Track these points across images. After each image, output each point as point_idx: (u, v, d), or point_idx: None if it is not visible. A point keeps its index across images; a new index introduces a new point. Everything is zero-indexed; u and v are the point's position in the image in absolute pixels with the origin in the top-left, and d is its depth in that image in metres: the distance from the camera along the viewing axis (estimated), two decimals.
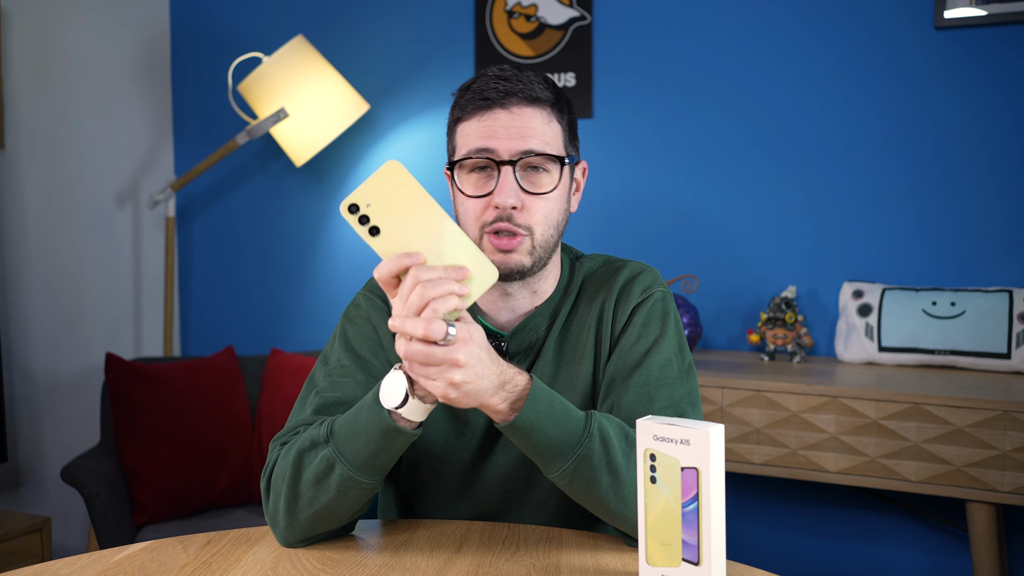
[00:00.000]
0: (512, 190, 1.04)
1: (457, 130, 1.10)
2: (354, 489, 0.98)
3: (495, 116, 1.06)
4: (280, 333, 2.93)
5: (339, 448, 0.97)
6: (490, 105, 1.06)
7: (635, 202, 2.50)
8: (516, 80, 1.07)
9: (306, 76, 2.52)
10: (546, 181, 1.07)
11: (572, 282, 1.18)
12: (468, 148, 1.07)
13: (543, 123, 1.07)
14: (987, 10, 2.11)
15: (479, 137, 1.06)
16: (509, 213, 1.05)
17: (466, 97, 1.09)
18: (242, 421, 2.39)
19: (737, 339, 2.41)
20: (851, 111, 2.28)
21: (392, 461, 0.98)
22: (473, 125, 1.07)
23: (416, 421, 0.95)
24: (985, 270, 2.17)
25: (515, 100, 1.06)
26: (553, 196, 1.08)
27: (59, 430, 2.63)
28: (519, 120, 1.06)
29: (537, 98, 1.07)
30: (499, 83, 1.06)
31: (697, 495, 0.85)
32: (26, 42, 2.54)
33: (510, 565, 0.97)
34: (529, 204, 1.06)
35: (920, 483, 1.80)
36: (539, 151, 1.06)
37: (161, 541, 1.05)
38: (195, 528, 2.19)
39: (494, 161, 1.05)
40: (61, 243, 2.65)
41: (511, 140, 1.05)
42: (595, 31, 2.53)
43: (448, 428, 1.15)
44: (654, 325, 1.11)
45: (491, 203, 1.06)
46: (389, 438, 0.95)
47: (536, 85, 1.08)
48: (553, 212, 1.09)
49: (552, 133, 1.08)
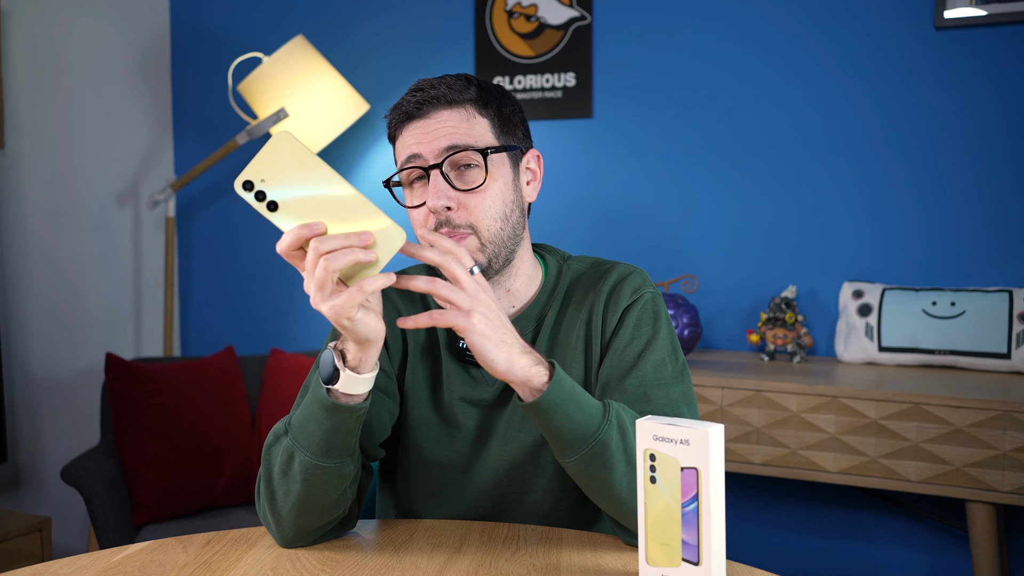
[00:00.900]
0: (441, 191, 1.05)
1: (394, 150, 1.13)
2: (318, 475, 0.97)
3: (415, 125, 1.08)
4: (280, 333, 2.93)
5: (295, 436, 0.98)
6: (410, 118, 1.08)
7: (635, 202, 2.50)
8: (430, 88, 1.08)
9: (306, 76, 2.52)
10: (477, 175, 1.07)
11: (559, 285, 1.17)
12: (399, 161, 1.09)
13: (462, 120, 1.08)
14: (987, 10, 2.11)
15: (405, 148, 1.08)
16: (445, 216, 1.05)
17: (391, 116, 1.11)
18: (242, 421, 2.39)
19: (737, 339, 2.41)
20: (851, 111, 2.28)
21: (349, 441, 0.97)
22: (400, 140, 1.10)
23: (355, 394, 0.94)
24: (985, 270, 2.17)
25: (430, 107, 1.07)
26: (490, 189, 1.07)
27: (59, 430, 2.63)
28: (437, 123, 1.07)
29: (452, 100, 1.08)
30: (415, 95, 1.08)
31: (697, 495, 0.85)
32: (26, 42, 2.54)
33: (510, 565, 0.97)
34: (464, 201, 1.06)
35: (920, 483, 1.80)
36: (461, 145, 1.06)
37: (161, 541, 1.05)
38: (195, 528, 2.19)
39: (423, 169, 1.06)
40: (61, 243, 2.65)
41: (431, 142, 1.06)
42: (595, 31, 2.53)
43: (439, 431, 1.15)
44: (646, 326, 1.11)
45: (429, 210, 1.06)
46: (334, 416, 0.94)
47: (452, 88, 1.08)
48: (494, 205, 1.07)
49: (477, 128, 1.08)
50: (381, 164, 2.77)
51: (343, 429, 0.95)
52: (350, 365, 0.93)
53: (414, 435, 1.16)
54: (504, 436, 1.13)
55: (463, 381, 1.14)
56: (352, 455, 0.99)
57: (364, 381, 0.94)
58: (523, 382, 0.95)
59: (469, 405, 1.14)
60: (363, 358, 0.93)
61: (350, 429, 0.96)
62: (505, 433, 1.13)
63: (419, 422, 1.16)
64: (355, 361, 0.93)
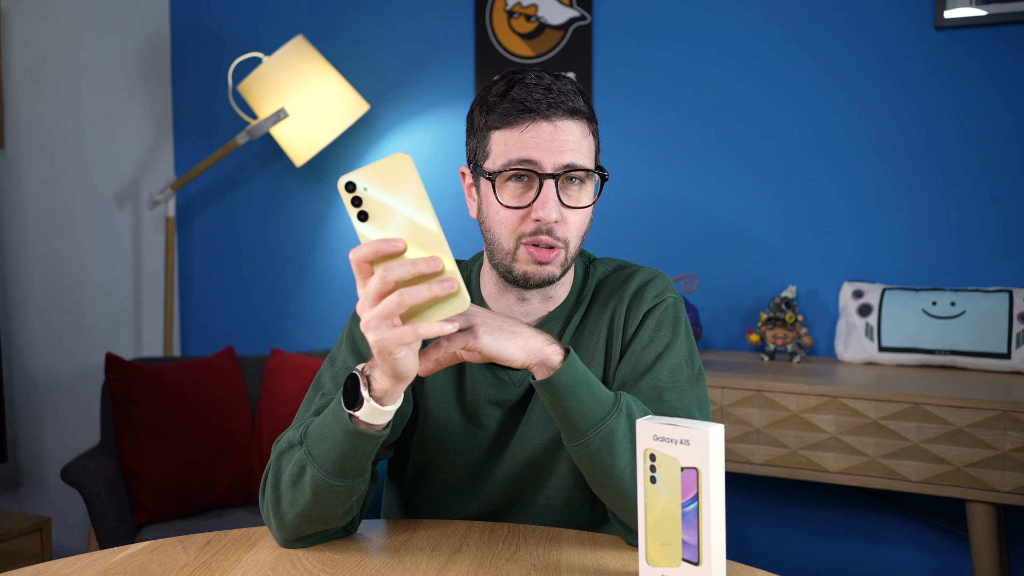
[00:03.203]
0: (555, 205, 1.03)
1: (493, 136, 1.07)
2: (327, 492, 0.97)
3: (538, 127, 1.04)
4: (280, 333, 2.93)
5: (310, 450, 0.97)
6: (533, 116, 1.03)
7: (635, 202, 2.50)
8: (558, 91, 1.04)
9: (306, 76, 2.52)
10: (584, 196, 1.07)
11: (586, 287, 1.18)
12: (508, 158, 1.04)
13: (581, 136, 1.06)
14: (987, 10, 2.11)
15: (521, 148, 1.04)
16: (550, 226, 1.04)
17: (504, 105, 1.05)
18: (242, 421, 2.39)
19: (737, 339, 2.41)
20: (851, 111, 2.28)
21: (363, 464, 0.97)
22: (514, 135, 1.04)
23: (376, 424, 0.93)
24: (985, 270, 2.17)
25: (558, 112, 1.04)
26: (586, 211, 1.08)
27: (59, 430, 2.63)
28: (561, 133, 1.04)
29: (577, 110, 1.05)
30: (541, 93, 1.04)
31: (697, 495, 0.85)
32: (26, 42, 2.54)
33: (510, 565, 0.97)
34: (567, 217, 1.06)
35: (920, 483, 1.80)
36: (580, 166, 1.05)
37: (161, 541, 1.05)
38: (195, 528, 2.19)
39: (536, 174, 1.04)
40: (61, 243, 2.65)
41: (554, 153, 1.03)
42: (595, 31, 2.53)
43: (461, 431, 1.15)
44: (665, 330, 1.11)
45: (529, 215, 1.05)
46: (353, 441, 0.94)
47: (577, 97, 1.06)
48: (585, 224, 1.09)
49: (588, 146, 1.07)
50: None
51: (360, 453, 0.95)
52: (375, 395, 0.91)
53: (434, 435, 1.15)
54: (523, 434, 1.14)
55: (490, 383, 1.14)
56: (363, 474, 0.99)
57: (387, 413, 0.93)
58: (541, 361, 0.96)
59: (494, 406, 1.14)
60: (391, 392, 0.91)
61: (366, 453, 0.96)
62: (524, 431, 1.14)
63: (441, 422, 1.15)
64: (381, 393, 0.91)
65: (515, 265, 1.07)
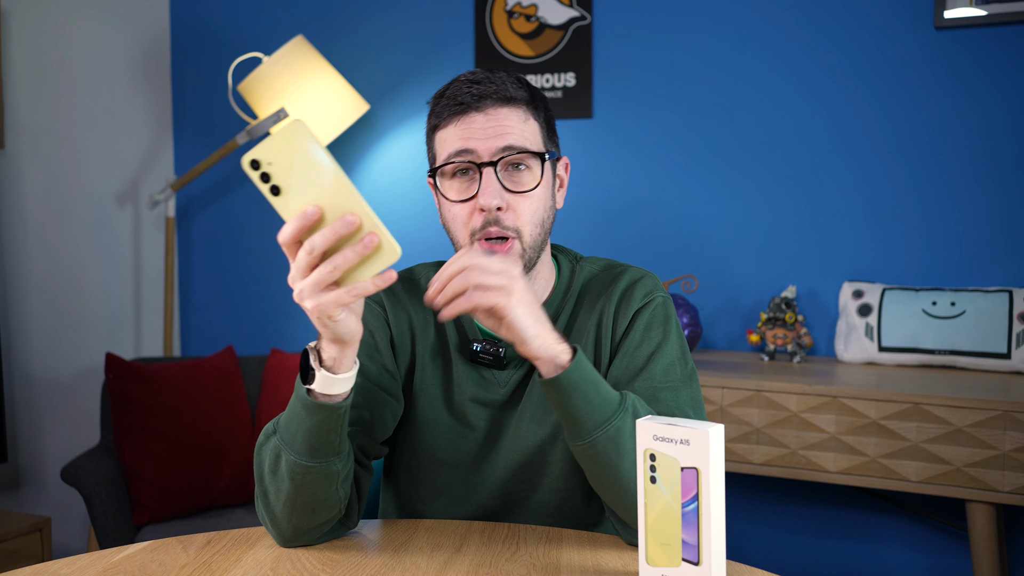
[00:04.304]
0: (495, 190, 1.04)
1: (435, 137, 1.10)
2: (304, 474, 0.97)
3: (471, 119, 1.06)
4: (280, 333, 2.93)
5: (281, 435, 0.98)
6: (465, 109, 1.06)
7: (635, 202, 2.50)
8: (488, 82, 1.07)
9: (306, 76, 2.52)
10: (528, 179, 1.07)
11: (571, 286, 1.18)
12: (447, 152, 1.07)
13: (519, 121, 1.07)
14: (987, 10, 2.11)
15: (457, 141, 1.06)
16: (496, 215, 1.05)
17: (441, 104, 1.09)
18: (242, 421, 2.39)
19: (737, 339, 2.41)
20: (851, 111, 2.28)
21: (332, 440, 0.96)
22: (450, 131, 1.07)
23: (334, 394, 0.94)
24: (985, 270, 2.17)
25: (489, 102, 1.06)
26: (537, 194, 1.08)
27: (59, 430, 2.63)
28: (495, 120, 1.06)
29: (511, 97, 1.07)
30: (472, 87, 1.07)
31: (697, 495, 0.85)
32: (26, 42, 2.54)
33: (510, 565, 0.97)
34: (514, 204, 1.06)
35: (920, 483, 1.80)
36: (519, 147, 1.06)
37: (161, 541, 1.05)
38: (195, 528, 2.19)
39: (475, 164, 1.05)
40: (61, 243, 2.65)
41: (489, 140, 1.05)
42: (595, 31, 2.53)
43: (451, 431, 1.15)
44: (656, 330, 1.11)
45: (476, 206, 1.06)
46: (314, 415, 0.94)
47: (509, 85, 1.08)
48: (539, 210, 1.08)
49: (530, 130, 1.08)
50: (382, 164, 2.77)
51: (325, 428, 0.95)
52: (326, 365, 0.92)
53: (424, 435, 1.16)
54: (514, 435, 1.14)
55: (475, 382, 1.15)
56: (338, 454, 0.98)
57: (341, 381, 0.93)
58: (550, 358, 0.96)
59: (480, 406, 1.15)
60: (339, 358, 0.92)
61: (332, 428, 0.95)
62: (515, 432, 1.14)
63: (430, 422, 1.15)
64: (331, 361, 0.92)
65: None
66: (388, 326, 1.16)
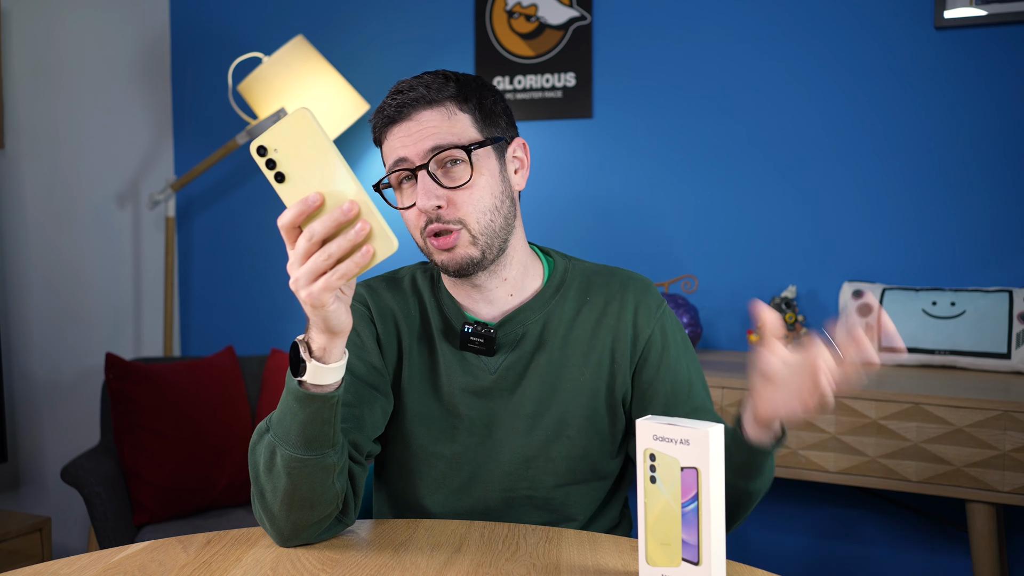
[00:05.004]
0: (429, 192, 1.07)
1: (381, 152, 1.15)
2: (300, 468, 0.97)
3: (399, 128, 1.10)
4: (280, 333, 2.93)
5: (275, 431, 0.99)
6: (392, 121, 1.11)
7: (635, 202, 2.50)
8: (409, 90, 1.11)
9: (306, 76, 2.52)
10: (462, 172, 1.09)
11: (566, 281, 1.19)
12: (388, 164, 1.12)
13: (443, 119, 1.10)
14: (987, 10, 2.11)
15: (393, 152, 1.10)
16: (436, 213, 1.08)
17: (375, 121, 1.13)
18: (242, 421, 2.39)
19: (737, 339, 2.41)
20: (851, 111, 2.28)
21: (326, 431, 0.97)
22: (386, 144, 1.12)
23: (325, 384, 0.95)
24: (985, 270, 2.17)
25: (411, 109, 1.10)
26: (477, 184, 1.09)
27: (59, 430, 2.63)
28: (419, 124, 1.09)
29: (432, 99, 1.10)
30: (395, 98, 1.11)
31: (697, 495, 0.85)
32: (26, 42, 2.54)
33: (510, 565, 0.97)
34: (454, 198, 1.08)
35: (920, 483, 1.80)
36: (444, 144, 1.08)
37: (161, 541, 1.05)
38: (195, 528, 2.19)
39: (410, 170, 1.09)
40: (61, 243, 2.65)
41: (416, 144, 1.08)
42: (595, 31, 2.53)
43: (442, 423, 1.16)
44: (684, 345, 1.21)
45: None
46: (307, 406, 0.95)
47: (430, 88, 1.10)
48: (483, 199, 1.10)
49: (459, 124, 1.10)
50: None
51: (319, 419, 0.96)
52: (316, 355, 0.94)
53: (415, 429, 1.16)
54: (513, 429, 1.15)
55: (463, 369, 1.16)
56: (333, 446, 0.99)
57: (332, 371, 0.95)
58: (777, 427, 1.05)
59: (470, 395, 1.15)
60: (329, 348, 0.93)
61: (326, 419, 0.96)
62: (514, 426, 1.15)
63: (419, 416, 1.16)
64: (320, 351, 0.94)
65: (435, 260, 1.12)
66: (373, 324, 1.18)
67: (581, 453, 1.15)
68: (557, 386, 1.15)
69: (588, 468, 1.16)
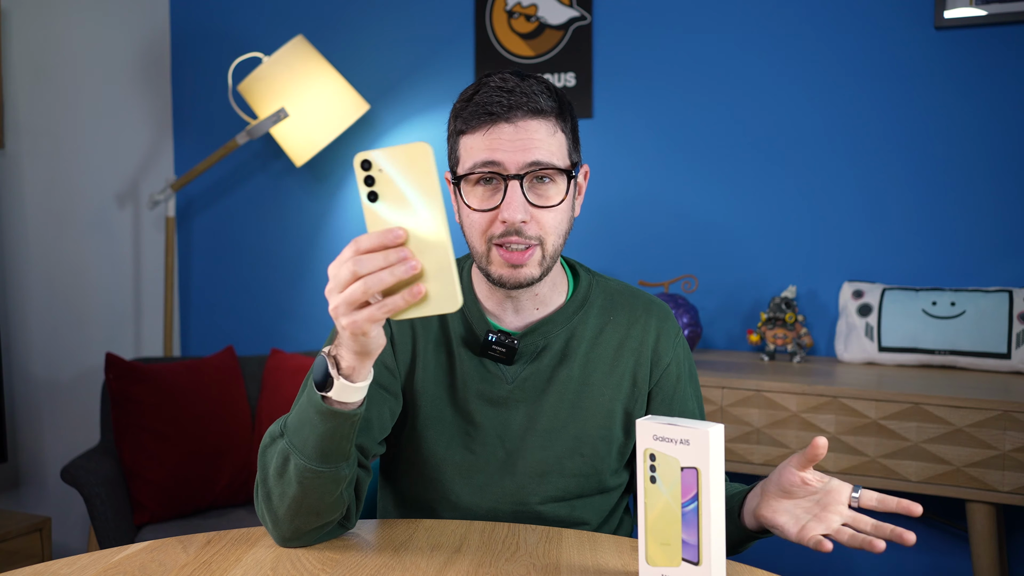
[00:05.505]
0: (520, 205, 1.03)
1: (460, 142, 1.08)
2: (313, 479, 0.96)
3: (500, 130, 1.04)
4: (280, 333, 2.93)
5: (291, 439, 0.97)
6: (495, 119, 1.04)
7: (635, 202, 2.50)
8: (520, 92, 1.05)
9: (306, 76, 2.52)
10: (553, 193, 1.06)
11: (590, 298, 1.18)
12: (473, 162, 1.05)
13: (548, 134, 1.06)
14: (987, 10, 2.11)
15: (484, 151, 1.04)
16: (518, 227, 1.04)
17: (469, 109, 1.06)
18: (242, 421, 2.39)
19: (737, 339, 2.41)
20: (851, 111, 2.28)
21: (344, 446, 0.96)
22: (477, 139, 1.05)
23: (349, 401, 0.93)
24: (985, 270, 2.17)
25: (519, 113, 1.04)
26: (561, 208, 1.07)
27: (59, 430, 2.63)
28: (524, 133, 1.04)
29: (541, 110, 1.05)
30: (502, 96, 1.04)
31: (697, 495, 0.85)
32: (26, 42, 2.54)
33: (510, 565, 0.97)
34: (537, 216, 1.06)
35: (920, 483, 1.80)
36: (546, 163, 1.04)
37: (161, 541, 1.05)
38: (195, 528, 2.19)
39: (500, 175, 1.04)
40: (61, 243, 2.65)
41: (517, 153, 1.04)
42: (595, 31, 2.52)
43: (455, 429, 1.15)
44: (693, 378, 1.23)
45: (498, 217, 1.05)
46: (328, 421, 0.93)
47: (540, 96, 1.06)
48: (561, 222, 1.08)
49: (557, 144, 1.07)
50: None
51: (338, 434, 0.95)
52: (344, 373, 0.92)
53: (427, 433, 1.15)
54: (529, 442, 1.14)
55: (481, 377, 1.14)
56: (347, 459, 0.98)
57: (358, 390, 0.93)
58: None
59: (485, 402, 1.14)
60: (358, 368, 0.91)
61: (345, 435, 0.95)
62: (530, 439, 1.14)
63: (433, 420, 1.15)
64: (349, 370, 0.92)
65: (490, 268, 1.08)
66: (388, 324, 1.16)
67: (591, 471, 1.15)
68: (577, 403, 1.14)
69: (596, 484, 1.16)
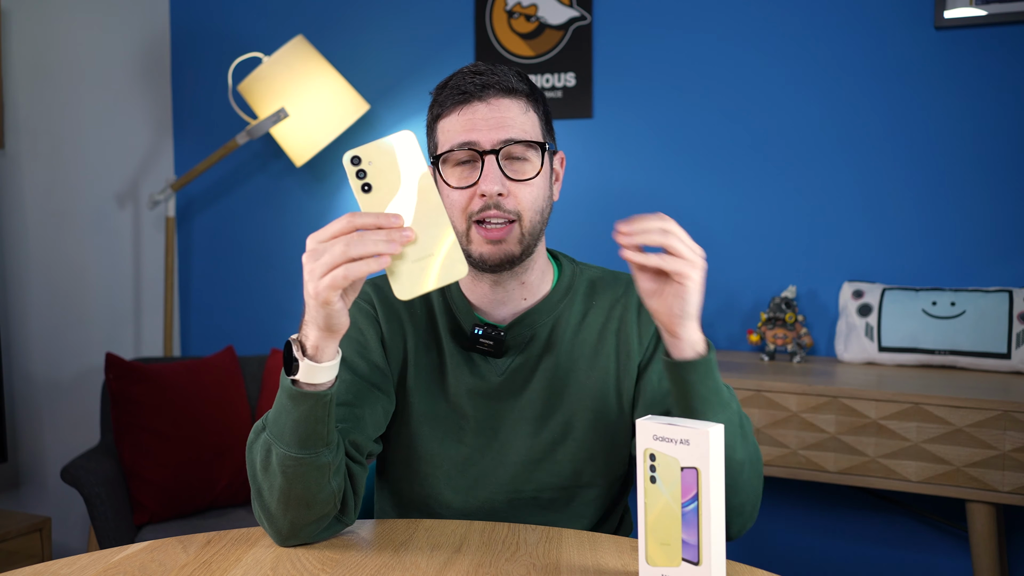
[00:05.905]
0: (496, 177, 1.06)
1: (438, 127, 1.12)
2: (294, 467, 0.97)
3: (474, 109, 1.09)
4: (280, 333, 2.93)
5: (271, 430, 0.99)
6: (468, 99, 1.09)
7: (634, 202, 2.50)
8: (491, 73, 1.10)
9: (306, 76, 2.52)
10: (528, 168, 1.10)
11: (574, 286, 1.20)
12: (451, 142, 1.09)
13: (520, 112, 1.10)
14: (987, 10, 2.11)
15: (460, 131, 1.08)
16: (496, 200, 1.07)
17: (444, 94, 1.11)
18: (242, 421, 2.39)
19: (737, 339, 2.41)
20: (851, 111, 2.28)
21: (320, 430, 0.97)
22: (453, 120, 1.10)
23: (319, 382, 0.95)
24: (985, 270, 2.17)
25: (492, 92, 1.09)
26: (537, 182, 1.10)
27: (59, 430, 2.63)
28: (498, 112, 1.08)
29: (513, 89, 1.10)
30: (475, 77, 1.10)
31: (697, 495, 0.85)
32: (26, 42, 2.54)
33: (510, 565, 0.97)
34: (514, 191, 1.08)
35: (920, 483, 1.80)
36: (519, 139, 1.08)
37: (161, 541, 1.05)
38: (195, 528, 2.19)
39: (477, 152, 1.07)
40: (61, 243, 2.65)
41: (491, 130, 1.07)
42: (595, 31, 2.53)
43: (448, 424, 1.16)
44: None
45: (476, 192, 1.07)
46: (300, 404, 0.95)
47: (511, 77, 1.11)
48: (539, 198, 1.11)
49: (530, 122, 1.11)
50: None
51: (312, 417, 0.95)
52: (309, 354, 0.94)
53: (421, 429, 1.16)
54: (520, 431, 1.15)
55: (471, 371, 1.16)
56: (327, 445, 0.98)
57: (325, 369, 0.94)
58: (692, 343, 0.99)
59: (477, 396, 1.15)
60: (322, 347, 0.93)
61: (319, 417, 0.96)
62: (520, 428, 1.15)
63: (426, 416, 1.16)
64: (313, 350, 0.93)
65: (471, 248, 1.10)
66: (378, 324, 1.17)
67: (587, 455, 1.15)
68: (564, 389, 1.15)
69: (594, 471, 1.16)
